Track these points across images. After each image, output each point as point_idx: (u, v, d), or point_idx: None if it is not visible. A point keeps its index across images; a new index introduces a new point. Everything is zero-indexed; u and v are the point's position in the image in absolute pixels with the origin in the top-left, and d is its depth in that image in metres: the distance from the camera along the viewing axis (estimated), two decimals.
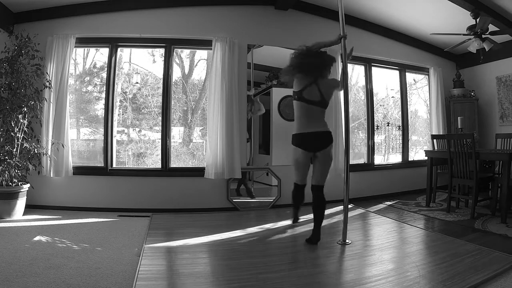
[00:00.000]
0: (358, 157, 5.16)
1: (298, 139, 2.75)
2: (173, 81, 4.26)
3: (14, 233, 2.86)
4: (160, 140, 4.12)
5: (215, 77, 3.92)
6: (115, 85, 4.11)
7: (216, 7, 4.20)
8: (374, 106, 5.10)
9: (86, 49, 4.50)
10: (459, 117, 4.40)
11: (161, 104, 4.14)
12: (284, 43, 4.37)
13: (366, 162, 4.95)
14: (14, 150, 3.39)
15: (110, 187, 3.91)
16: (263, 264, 2.25)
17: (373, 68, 5.02)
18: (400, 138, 5.34)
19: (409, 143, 5.42)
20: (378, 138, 5.32)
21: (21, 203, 3.42)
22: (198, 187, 3.99)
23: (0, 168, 3.30)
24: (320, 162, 2.72)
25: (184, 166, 4.56)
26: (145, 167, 4.60)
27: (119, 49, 4.21)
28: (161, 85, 4.20)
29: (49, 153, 3.66)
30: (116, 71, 4.17)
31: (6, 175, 3.31)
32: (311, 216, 3.65)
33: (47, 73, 3.68)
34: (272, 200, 4.16)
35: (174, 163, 4.26)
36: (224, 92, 3.89)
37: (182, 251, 2.54)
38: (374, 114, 5.06)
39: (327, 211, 3.89)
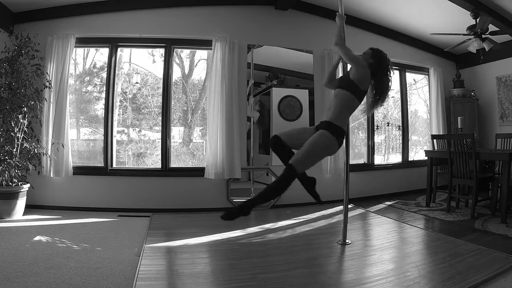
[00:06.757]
0: (358, 157, 5.16)
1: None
2: (173, 81, 4.26)
3: (14, 233, 2.86)
4: (160, 140, 4.12)
5: (215, 77, 3.92)
6: (115, 85, 4.11)
7: (216, 7, 4.20)
8: None
9: (86, 49, 4.50)
10: (459, 117, 4.39)
11: (161, 104, 4.14)
12: (284, 43, 4.38)
13: (366, 162, 4.96)
14: (14, 150, 3.39)
15: (110, 187, 3.91)
16: (263, 264, 2.25)
17: None
18: (400, 138, 5.34)
19: (409, 143, 5.41)
20: (378, 138, 5.31)
21: (21, 203, 3.42)
22: (198, 187, 3.99)
23: (0, 168, 3.30)
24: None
25: (184, 166, 4.57)
26: (145, 167, 4.61)
27: (119, 49, 4.21)
28: (161, 85, 4.20)
29: (49, 153, 3.66)
30: (116, 71, 4.17)
31: (6, 175, 3.31)
32: (311, 216, 3.71)
33: (47, 73, 3.68)
34: (272, 200, 4.15)
35: (174, 163, 4.26)
36: (224, 92, 3.89)
37: (182, 251, 2.54)
38: (374, 114, 5.05)
39: (326, 211, 3.95)
